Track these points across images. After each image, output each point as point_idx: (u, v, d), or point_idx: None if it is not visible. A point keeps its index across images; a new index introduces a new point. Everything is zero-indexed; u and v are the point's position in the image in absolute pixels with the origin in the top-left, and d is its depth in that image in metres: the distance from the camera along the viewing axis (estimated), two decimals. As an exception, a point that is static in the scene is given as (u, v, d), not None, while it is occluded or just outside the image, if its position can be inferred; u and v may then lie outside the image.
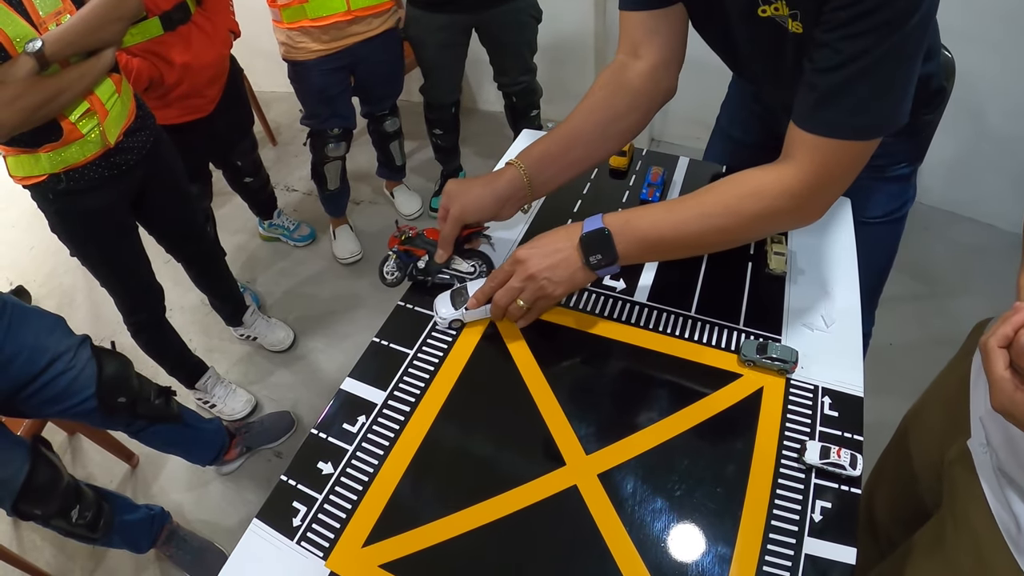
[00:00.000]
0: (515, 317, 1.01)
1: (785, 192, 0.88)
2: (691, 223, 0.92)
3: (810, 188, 0.87)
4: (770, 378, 0.94)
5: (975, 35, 2.08)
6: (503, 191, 1.06)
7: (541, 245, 0.97)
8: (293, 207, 3.22)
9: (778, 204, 0.89)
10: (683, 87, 1.13)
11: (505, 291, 0.98)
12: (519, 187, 1.07)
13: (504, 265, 1.00)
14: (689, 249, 0.99)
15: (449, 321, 1.04)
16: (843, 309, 1.04)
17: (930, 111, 1.18)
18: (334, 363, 2.47)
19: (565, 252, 0.96)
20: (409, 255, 1.12)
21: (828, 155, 0.86)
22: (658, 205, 0.97)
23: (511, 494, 0.83)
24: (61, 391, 1.45)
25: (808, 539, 0.77)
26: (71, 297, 2.90)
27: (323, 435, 0.92)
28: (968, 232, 2.74)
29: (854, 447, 0.85)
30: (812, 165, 0.86)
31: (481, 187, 1.07)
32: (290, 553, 0.80)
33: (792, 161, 0.88)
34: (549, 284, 0.96)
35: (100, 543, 1.63)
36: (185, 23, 1.92)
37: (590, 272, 0.96)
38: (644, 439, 0.87)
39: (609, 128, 1.10)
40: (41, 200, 1.59)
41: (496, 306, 1.00)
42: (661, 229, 0.93)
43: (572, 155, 1.09)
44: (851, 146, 0.85)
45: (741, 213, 0.90)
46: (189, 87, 2.01)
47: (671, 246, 0.96)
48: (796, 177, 0.87)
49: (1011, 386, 0.62)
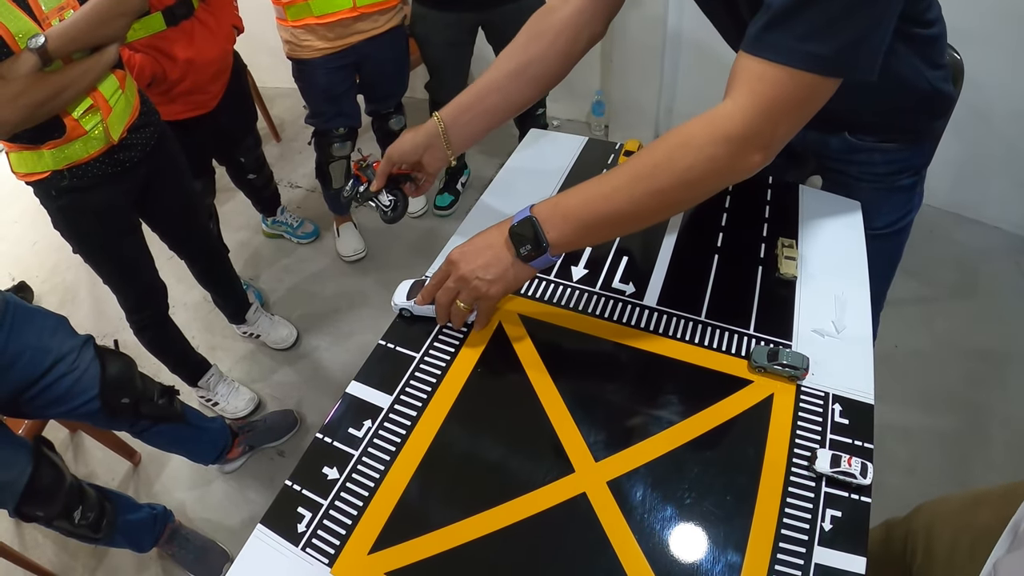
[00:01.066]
0: (459, 320, 0.99)
1: (719, 137, 0.79)
2: (622, 192, 0.85)
3: (749, 126, 0.79)
4: (780, 385, 0.93)
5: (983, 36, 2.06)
6: (421, 140, 1.12)
7: (472, 243, 0.95)
8: (297, 204, 3.21)
9: (712, 151, 0.80)
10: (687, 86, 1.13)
11: (443, 292, 0.97)
12: (434, 135, 1.11)
13: (441, 266, 0.98)
14: (630, 222, 0.90)
15: (400, 308, 1.05)
16: (854, 315, 1.02)
17: (939, 115, 1.17)
18: (338, 361, 2.46)
19: (495, 248, 0.92)
20: (357, 180, 1.20)
21: (771, 85, 0.77)
22: (588, 182, 0.89)
23: (519, 501, 0.82)
24: (64, 392, 1.44)
25: (818, 548, 0.76)
26: (74, 294, 2.90)
27: (328, 440, 0.91)
28: (974, 235, 2.73)
29: (865, 455, 0.84)
30: (752, 97, 0.78)
31: (409, 134, 1.13)
32: (295, 560, 0.79)
33: (729, 98, 0.80)
34: (482, 284, 0.93)
35: (103, 543, 1.62)
36: (188, 18, 1.91)
37: (524, 266, 0.92)
38: (653, 446, 0.86)
39: (525, 72, 1.10)
40: (44, 197, 1.59)
41: (438, 307, 0.99)
42: (593, 205, 0.87)
43: (488, 102, 1.11)
44: (799, 76, 0.76)
45: (673, 169, 0.82)
46: (192, 83, 2.01)
47: (609, 222, 0.88)
48: (732, 116, 0.79)
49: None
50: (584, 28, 1.09)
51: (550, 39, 1.09)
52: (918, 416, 2.10)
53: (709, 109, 0.82)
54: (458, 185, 3.08)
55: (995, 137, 2.55)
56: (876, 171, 1.03)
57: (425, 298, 1.01)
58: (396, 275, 2.71)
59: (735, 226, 1.19)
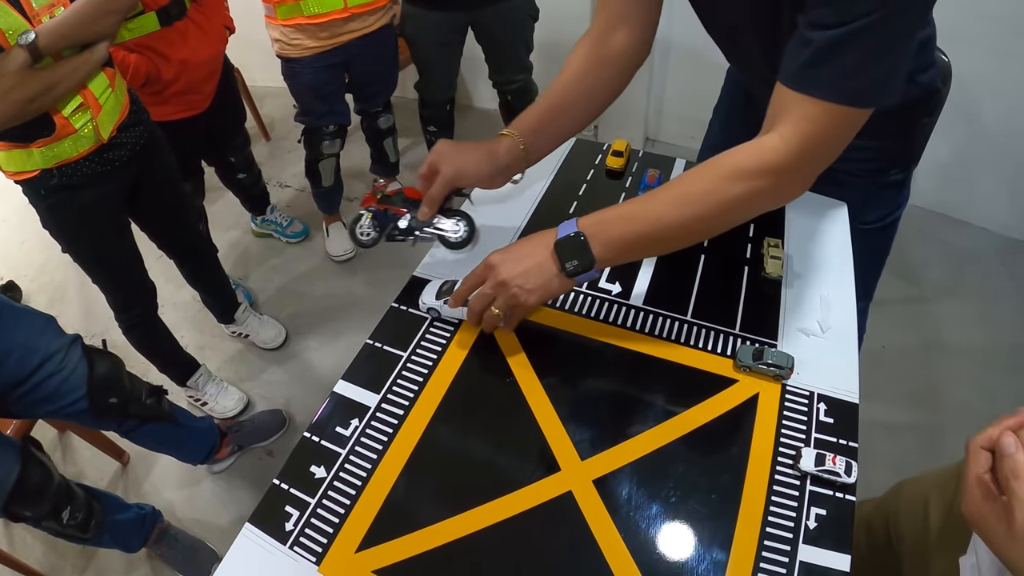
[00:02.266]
0: (491, 325, 0.97)
1: (767, 169, 0.83)
2: (669, 216, 0.88)
3: (795, 161, 0.83)
4: (766, 384, 0.93)
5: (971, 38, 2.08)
6: (503, 161, 1.07)
7: (513, 250, 0.94)
8: (286, 203, 3.20)
9: (760, 184, 0.84)
10: (676, 86, 1.14)
11: (478, 297, 0.96)
12: (517, 157, 1.08)
13: (476, 269, 0.97)
14: (670, 243, 0.94)
15: (428, 308, 1.04)
16: (839, 315, 1.03)
17: (927, 113, 1.18)
18: (327, 361, 2.46)
19: (538, 258, 0.92)
20: (387, 214, 1.09)
21: (818, 121, 0.81)
22: (633, 201, 0.92)
23: (506, 499, 0.82)
24: (52, 392, 1.43)
25: (803, 546, 0.77)
26: (62, 293, 2.88)
27: (316, 438, 0.91)
28: (961, 235, 2.76)
29: (849, 454, 0.84)
30: (798, 134, 0.81)
31: (481, 154, 1.06)
32: (283, 558, 0.79)
33: (775, 132, 0.83)
34: (521, 292, 0.92)
35: (91, 543, 1.62)
36: (182, 19, 1.91)
37: (566, 279, 0.92)
38: (639, 445, 0.87)
39: (594, 97, 1.12)
40: (33, 196, 1.58)
41: (471, 311, 0.97)
42: (637, 226, 0.89)
43: (561, 124, 1.11)
44: (844, 112, 0.80)
45: (720, 199, 0.86)
46: (186, 84, 2.01)
47: (650, 242, 0.92)
48: (778, 151, 0.83)
49: (980, 493, 0.59)
50: (639, 55, 1.12)
51: (613, 69, 1.11)
52: (904, 414, 2.12)
53: (756, 139, 0.85)
54: None
55: (983, 139, 2.57)
56: (866, 167, 1.03)
57: (457, 301, 0.99)
58: (385, 275, 2.74)
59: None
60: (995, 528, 0.57)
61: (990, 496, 0.58)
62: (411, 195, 1.09)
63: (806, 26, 0.79)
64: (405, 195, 1.09)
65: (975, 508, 0.59)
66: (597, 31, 1.11)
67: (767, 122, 0.86)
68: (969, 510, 0.60)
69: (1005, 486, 0.57)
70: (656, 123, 3.33)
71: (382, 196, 1.10)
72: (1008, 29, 2.27)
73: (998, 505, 0.57)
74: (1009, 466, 0.56)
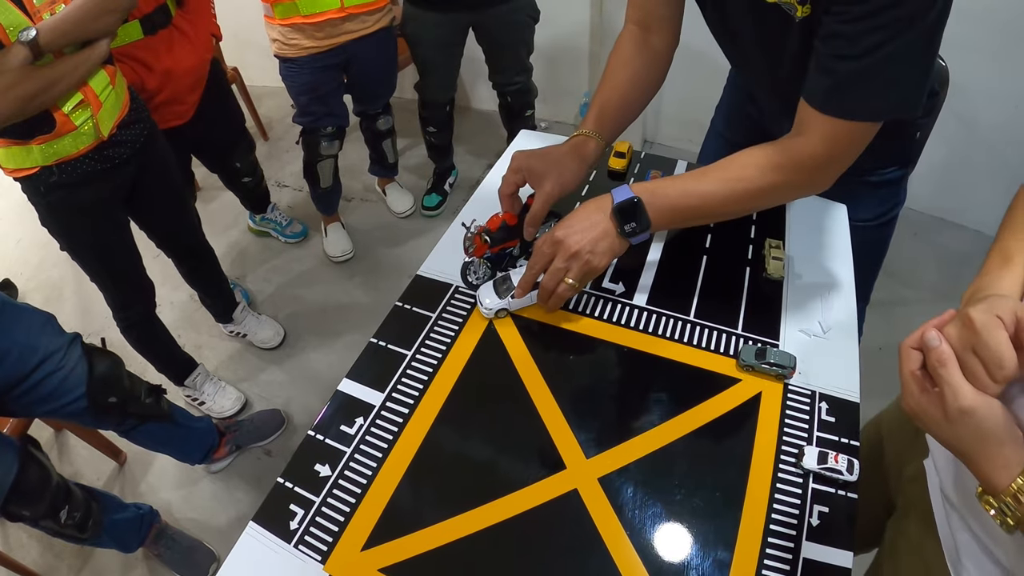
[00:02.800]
0: (566, 297, 1.01)
1: (802, 166, 0.94)
2: (716, 194, 0.98)
3: (824, 164, 0.94)
4: (768, 383, 0.94)
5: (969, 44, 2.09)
6: (593, 162, 1.14)
7: (576, 222, 0.99)
8: (285, 204, 3.20)
9: (794, 178, 0.96)
10: (674, 89, 1.16)
11: (551, 273, 0.99)
12: (600, 156, 1.15)
13: (542, 249, 0.99)
14: (711, 217, 1.05)
15: (496, 311, 1.04)
16: (840, 315, 1.04)
17: (923, 115, 1.19)
18: (325, 361, 2.46)
19: (602, 224, 0.99)
20: (502, 252, 1.11)
21: (841, 135, 0.90)
22: (682, 176, 1.02)
23: (511, 497, 0.83)
24: (51, 391, 1.43)
25: (806, 543, 0.77)
26: (59, 291, 2.87)
27: (320, 437, 0.91)
28: (956, 238, 2.77)
29: (851, 452, 0.85)
30: (825, 143, 0.91)
31: (576, 161, 1.10)
32: (288, 557, 0.80)
33: (805, 138, 0.93)
34: (594, 257, 0.97)
35: (89, 543, 1.61)
36: (166, 27, 1.87)
37: (625, 240, 1.00)
38: (644, 443, 0.88)
39: (647, 92, 1.19)
40: (32, 193, 1.57)
41: (544, 289, 1.00)
42: (688, 199, 0.99)
43: (625, 118, 1.18)
44: (864, 126, 0.90)
45: (761, 185, 0.96)
46: (170, 93, 1.97)
47: (696, 213, 1.01)
48: (810, 154, 0.93)
49: (918, 387, 0.62)
50: (671, 55, 1.19)
51: (659, 68, 1.18)
52: (901, 416, 2.12)
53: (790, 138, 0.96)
54: (446, 186, 3.09)
55: (979, 143, 2.59)
56: (864, 165, 1.06)
57: (527, 287, 1.03)
58: (383, 276, 2.74)
59: (723, 227, 1.20)
60: (933, 416, 0.61)
61: (924, 390, 0.62)
62: (512, 222, 1.09)
63: (826, 56, 0.87)
64: (508, 224, 1.09)
65: (914, 402, 0.63)
66: (634, 30, 1.17)
67: (797, 127, 0.95)
68: (909, 405, 0.63)
69: (935, 376, 0.60)
70: (654, 126, 3.35)
71: (489, 237, 1.08)
72: (1007, 37, 2.28)
73: (932, 396, 0.61)
74: (936, 356, 0.60)
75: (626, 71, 1.16)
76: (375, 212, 3.10)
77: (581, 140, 1.12)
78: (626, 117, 1.17)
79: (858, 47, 0.82)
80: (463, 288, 1.11)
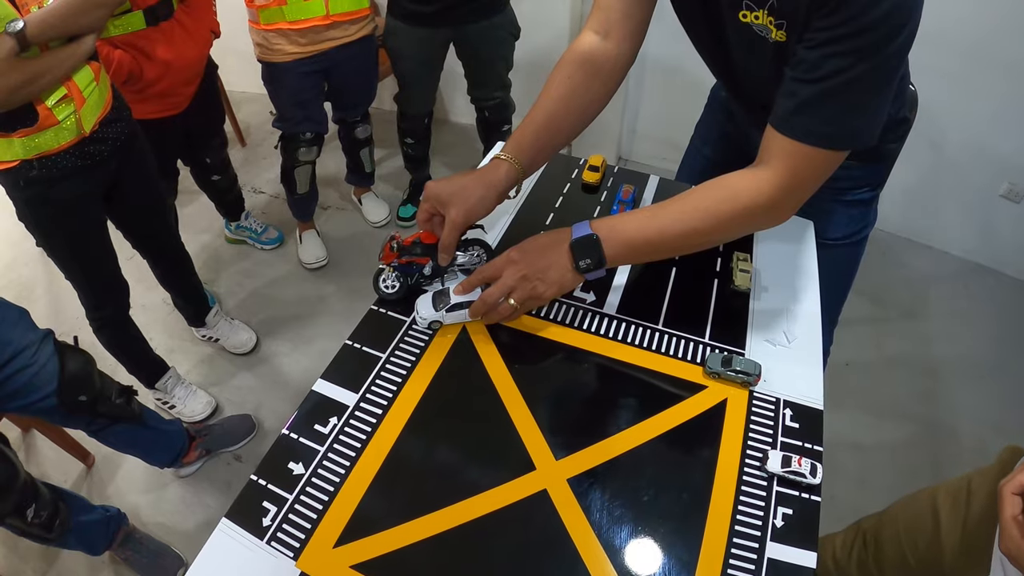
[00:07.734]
0: (503, 315, 1.02)
1: (760, 195, 0.94)
2: (674, 227, 0.98)
3: (782, 192, 0.93)
4: (734, 390, 0.97)
5: (937, 69, 2.16)
6: (504, 188, 1.08)
7: (533, 248, 1.01)
8: (260, 209, 3.19)
9: (753, 207, 0.95)
10: (650, 108, 1.17)
11: (497, 287, 0.99)
12: (515, 180, 1.09)
13: (495, 261, 1.01)
14: (671, 251, 1.05)
15: (429, 322, 1.05)
16: (804, 326, 1.07)
17: (894, 140, 1.24)
18: (297, 367, 2.45)
19: (556, 256, 0.99)
20: (410, 266, 1.09)
21: (800, 160, 0.91)
22: (641, 211, 1.02)
23: (482, 497, 0.84)
24: (22, 386, 1.42)
25: (770, 544, 0.80)
26: (30, 290, 2.82)
27: (294, 435, 0.92)
28: (924, 259, 2.85)
29: (814, 457, 0.88)
30: (785, 170, 0.92)
31: (482, 188, 1.05)
32: (260, 553, 0.80)
33: (767, 166, 0.94)
34: (541, 285, 0.99)
35: (55, 543, 1.59)
36: (168, 19, 1.91)
37: (578, 275, 1.00)
38: (613, 446, 0.89)
39: (586, 110, 1.15)
40: (11, 187, 1.56)
41: (483, 302, 1.00)
42: (646, 233, 0.99)
43: (555, 139, 1.13)
44: (821, 154, 0.90)
45: (719, 216, 0.96)
46: (168, 85, 2.01)
47: (654, 249, 1.01)
48: (770, 182, 0.93)
49: (1019, 531, 0.65)
50: (626, 65, 1.16)
51: (603, 81, 1.14)
52: (868, 431, 2.18)
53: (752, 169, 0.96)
54: (421, 197, 3.09)
55: (946, 166, 2.67)
56: (836, 185, 1.09)
57: (467, 288, 1.03)
58: (357, 283, 2.74)
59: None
60: None
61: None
62: (427, 240, 1.09)
63: (790, 80, 0.89)
64: (423, 241, 1.09)
65: (1014, 545, 0.65)
66: (588, 39, 1.13)
67: (760, 155, 0.96)
68: (1008, 548, 0.66)
69: None
70: (629, 143, 3.39)
71: (400, 248, 1.08)
72: (973, 62, 2.36)
73: None
74: None
75: (561, 88, 1.12)
76: (350, 221, 3.11)
77: (493, 165, 1.08)
78: (554, 139, 1.13)
79: (819, 71, 0.85)
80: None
